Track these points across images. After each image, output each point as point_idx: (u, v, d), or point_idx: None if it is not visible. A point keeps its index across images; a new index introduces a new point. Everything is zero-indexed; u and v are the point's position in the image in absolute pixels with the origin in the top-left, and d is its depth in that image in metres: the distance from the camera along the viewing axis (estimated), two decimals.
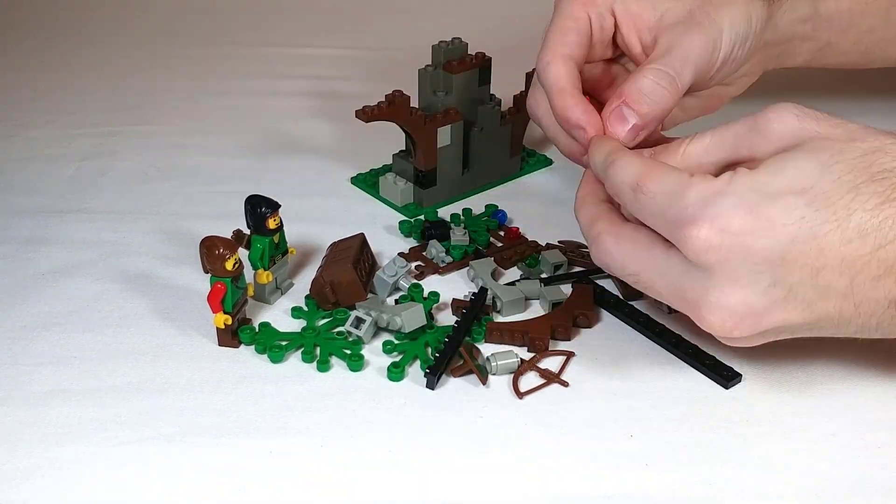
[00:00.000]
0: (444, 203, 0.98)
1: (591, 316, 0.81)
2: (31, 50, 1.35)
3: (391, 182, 0.98)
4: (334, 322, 0.80)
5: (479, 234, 0.92)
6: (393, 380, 0.76)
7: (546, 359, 0.78)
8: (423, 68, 0.96)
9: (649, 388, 0.75)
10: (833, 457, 0.69)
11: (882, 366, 0.78)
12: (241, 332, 0.78)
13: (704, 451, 0.70)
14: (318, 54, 1.34)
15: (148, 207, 0.98)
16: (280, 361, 0.76)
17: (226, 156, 1.08)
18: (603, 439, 0.71)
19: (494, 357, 0.76)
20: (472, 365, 0.75)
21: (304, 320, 0.81)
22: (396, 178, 0.98)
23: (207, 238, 0.76)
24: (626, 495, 0.66)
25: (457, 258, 0.89)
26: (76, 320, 0.82)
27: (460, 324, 0.78)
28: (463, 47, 0.97)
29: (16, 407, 0.73)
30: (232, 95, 1.23)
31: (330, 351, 0.77)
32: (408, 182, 0.97)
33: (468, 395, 0.74)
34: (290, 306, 0.83)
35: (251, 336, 0.78)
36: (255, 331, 0.78)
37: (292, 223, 0.87)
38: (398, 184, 0.97)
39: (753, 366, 0.78)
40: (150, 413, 0.72)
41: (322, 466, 0.68)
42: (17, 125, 1.14)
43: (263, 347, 0.77)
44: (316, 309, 0.82)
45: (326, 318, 0.81)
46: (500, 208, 0.96)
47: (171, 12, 1.47)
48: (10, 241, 0.92)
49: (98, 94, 1.22)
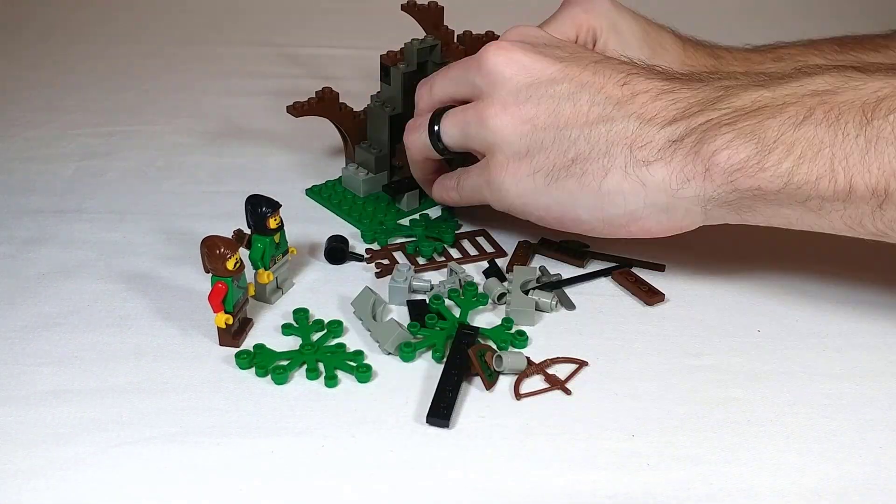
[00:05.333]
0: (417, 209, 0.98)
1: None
2: (31, 50, 1.35)
3: (352, 173, 0.98)
4: (329, 335, 0.80)
5: (444, 234, 0.92)
6: (405, 360, 0.76)
7: (557, 364, 0.78)
8: (394, 66, 0.97)
9: (650, 387, 0.75)
10: (833, 457, 0.70)
11: (882, 365, 0.78)
12: (237, 358, 0.76)
13: (705, 451, 0.70)
14: (321, 54, 1.34)
15: (148, 207, 0.98)
16: (284, 383, 0.75)
17: (226, 156, 1.08)
18: (604, 439, 0.71)
19: (504, 356, 0.75)
20: (479, 369, 0.75)
21: (296, 336, 0.80)
22: (358, 168, 0.98)
23: (208, 238, 0.76)
24: (627, 495, 0.66)
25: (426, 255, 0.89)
26: (76, 320, 0.82)
27: (448, 364, 0.76)
28: (435, 44, 0.97)
29: (16, 407, 0.72)
30: (232, 95, 1.23)
31: (335, 365, 0.76)
32: (369, 173, 0.97)
33: (470, 395, 0.74)
34: (280, 323, 0.81)
35: (248, 360, 0.76)
36: (252, 354, 0.77)
37: (293, 223, 0.87)
38: (359, 174, 0.97)
39: (753, 365, 0.78)
40: (150, 413, 0.72)
41: (322, 466, 0.68)
42: (17, 125, 1.14)
43: (264, 371, 0.76)
44: (307, 324, 0.81)
45: (320, 332, 0.81)
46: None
47: (172, 12, 1.47)
48: (10, 241, 0.92)
49: (98, 94, 1.22)
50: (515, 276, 0.84)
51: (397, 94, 0.97)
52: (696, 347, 0.80)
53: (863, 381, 0.77)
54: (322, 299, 0.85)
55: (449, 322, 0.80)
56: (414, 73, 0.96)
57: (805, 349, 0.80)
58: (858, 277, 0.89)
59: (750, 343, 0.81)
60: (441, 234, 0.92)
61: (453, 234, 0.92)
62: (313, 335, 0.80)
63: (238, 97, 1.22)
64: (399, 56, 0.98)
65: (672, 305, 0.85)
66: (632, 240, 0.92)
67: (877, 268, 0.90)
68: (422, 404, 0.73)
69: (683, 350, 0.80)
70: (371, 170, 0.98)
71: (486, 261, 0.90)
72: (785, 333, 0.82)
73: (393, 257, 0.90)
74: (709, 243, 0.93)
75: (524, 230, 0.94)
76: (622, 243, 0.92)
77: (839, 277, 0.89)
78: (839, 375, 0.77)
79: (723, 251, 0.92)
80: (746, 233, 0.95)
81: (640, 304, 0.85)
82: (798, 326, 0.83)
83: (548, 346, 0.79)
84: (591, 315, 0.83)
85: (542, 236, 0.92)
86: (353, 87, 1.12)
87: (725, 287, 0.87)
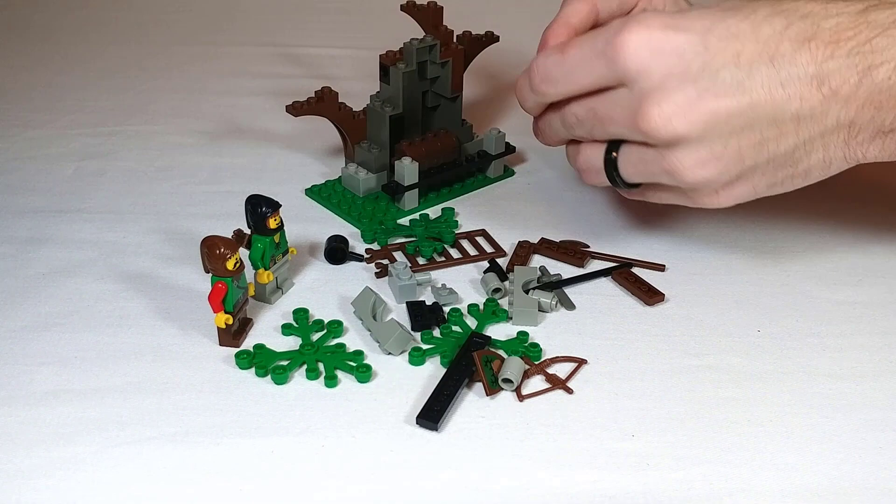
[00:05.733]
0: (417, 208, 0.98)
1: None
2: (31, 50, 1.34)
3: (352, 173, 0.98)
4: (329, 335, 0.80)
5: (444, 234, 0.92)
6: (413, 364, 0.77)
7: (556, 363, 0.78)
8: (394, 66, 0.97)
9: (650, 387, 0.75)
10: (833, 457, 0.70)
11: (882, 365, 0.78)
12: (237, 359, 0.76)
13: (705, 451, 0.70)
14: (321, 54, 1.34)
15: (148, 207, 0.98)
16: (284, 383, 0.75)
17: (225, 156, 1.08)
18: (604, 439, 0.71)
19: (510, 370, 0.75)
20: (482, 374, 0.75)
21: (296, 336, 0.80)
22: (358, 168, 0.98)
23: (208, 238, 0.76)
24: (627, 495, 0.66)
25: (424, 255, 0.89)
26: (76, 320, 0.82)
27: (451, 368, 0.76)
28: (434, 44, 0.97)
29: (16, 407, 0.72)
30: (232, 95, 1.22)
31: (335, 365, 0.76)
32: (369, 172, 0.97)
33: (471, 395, 0.74)
34: (280, 323, 0.81)
35: (248, 360, 0.76)
36: (252, 354, 0.77)
37: (293, 223, 0.87)
38: (359, 174, 0.97)
39: (753, 365, 0.78)
40: (150, 413, 0.72)
41: (322, 466, 0.68)
42: (17, 125, 1.14)
43: (265, 371, 0.76)
44: (306, 324, 0.81)
45: (320, 332, 0.81)
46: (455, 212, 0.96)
47: (173, 12, 1.47)
48: (10, 241, 0.92)
49: (97, 94, 1.22)
50: (516, 276, 0.84)
51: (397, 93, 0.97)
52: (696, 347, 0.80)
53: (863, 381, 0.77)
54: (322, 299, 0.85)
55: (464, 331, 0.80)
56: (413, 73, 0.96)
57: (805, 349, 0.80)
58: (858, 277, 0.89)
59: (750, 343, 0.81)
60: (441, 234, 0.92)
61: (453, 234, 0.92)
62: (313, 335, 0.80)
63: (238, 97, 1.22)
64: (398, 56, 0.98)
65: (672, 305, 0.85)
66: (632, 240, 0.93)
67: (877, 268, 0.90)
68: (422, 405, 0.73)
69: (683, 350, 0.80)
70: (371, 169, 0.98)
71: (485, 261, 0.90)
72: (785, 333, 0.82)
73: (393, 257, 0.90)
74: (709, 243, 0.93)
75: (524, 230, 0.94)
76: (622, 243, 0.92)
77: (839, 277, 0.89)
78: (839, 375, 0.77)
79: (723, 251, 0.92)
80: (746, 232, 0.95)
81: (641, 304, 0.85)
82: (798, 326, 0.83)
83: (548, 346, 0.79)
84: (591, 315, 0.83)
85: (541, 236, 0.92)
86: (352, 87, 1.12)
87: (725, 287, 0.87)
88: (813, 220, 0.97)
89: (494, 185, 1.03)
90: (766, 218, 0.97)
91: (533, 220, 0.96)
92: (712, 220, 0.96)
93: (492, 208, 0.98)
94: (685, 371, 0.77)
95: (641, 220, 0.96)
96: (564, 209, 0.98)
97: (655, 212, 0.97)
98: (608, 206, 0.99)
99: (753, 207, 1.00)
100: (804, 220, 0.97)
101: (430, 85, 0.99)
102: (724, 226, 0.96)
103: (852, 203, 1.00)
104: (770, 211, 0.98)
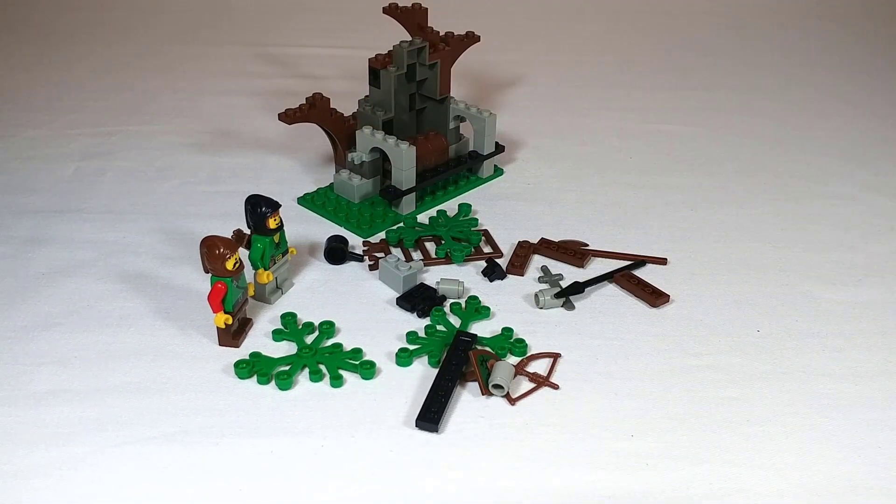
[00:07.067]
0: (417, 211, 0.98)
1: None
2: (31, 50, 1.35)
3: (345, 179, 0.98)
4: (322, 336, 0.80)
5: (465, 233, 0.92)
6: (400, 365, 0.76)
7: (535, 361, 0.78)
8: (384, 69, 0.96)
9: (650, 387, 0.75)
10: (833, 457, 0.70)
11: (882, 365, 0.78)
12: (236, 368, 0.76)
13: (704, 451, 0.70)
14: (320, 54, 1.34)
15: (148, 207, 0.98)
16: (289, 388, 0.75)
17: (225, 156, 1.08)
18: (604, 439, 0.71)
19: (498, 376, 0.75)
20: (479, 374, 0.75)
21: (289, 341, 0.80)
22: (351, 174, 0.98)
23: (208, 238, 0.76)
24: (627, 495, 0.66)
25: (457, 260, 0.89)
26: (76, 320, 0.82)
27: (442, 368, 0.76)
28: (423, 46, 0.96)
29: (16, 407, 0.72)
30: (232, 95, 1.23)
31: (338, 365, 0.76)
32: (363, 178, 0.97)
33: (469, 396, 0.74)
34: (270, 329, 0.81)
35: (248, 370, 0.76)
36: (250, 363, 0.76)
37: (292, 223, 0.87)
38: (353, 180, 0.97)
39: (753, 365, 0.78)
40: (150, 413, 0.72)
41: (321, 466, 0.68)
42: (17, 125, 1.14)
43: (267, 378, 0.75)
44: (296, 328, 0.81)
45: (313, 334, 0.80)
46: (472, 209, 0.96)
47: (172, 13, 1.47)
48: (10, 241, 0.92)
49: (97, 94, 1.22)
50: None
51: (388, 97, 0.96)
52: (696, 347, 0.80)
53: (863, 381, 0.77)
54: (321, 299, 0.85)
55: (448, 330, 0.80)
56: (403, 76, 0.96)
57: (805, 349, 0.80)
58: (858, 277, 0.89)
59: (750, 343, 0.81)
60: (467, 235, 0.92)
61: (480, 236, 0.92)
62: (306, 338, 0.80)
63: (238, 97, 1.22)
64: (387, 59, 0.97)
65: (673, 305, 0.85)
66: (631, 240, 0.93)
67: (877, 268, 0.90)
68: (419, 406, 0.73)
69: (683, 350, 0.80)
70: (364, 175, 0.97)
71: (485, 260, 0.90)
72: (785, 333, 0.82)
73: (389, 251, 0.90)
74: (709, 243, 0.93)
75: (524, 230, 0.94)
76: (622, 244, 0.92)
77: (839, 278, 0.89)
78: (839, 375, 0.77)
79: (723, 251, 0.92)
80: (746, 232, 0.95)
81: (641, 304, 0.85)
82: (798, 326, 0.83)
83: (548, 346, 0.79)
84: (591, 315, 0.83)
85: (541, 236, 0.92)
86: (353, 87, 1.12)
87: (725, 287, 0.87)
88: (813, 219, 0.97)
89: (493, 185, 1.03)
90: (766, 218, 0.97)
91: (532, 220, 0.96)
92: (712, 220, 0.96)
93: (491, 208, 0.98)
94: (685, 371, 0.77)
95: (641, 220, 0.96)
96: (564, 209, 0.98)
97: (655, 212, 0.97)
98: (608, 206, 0.99)
99: (753, 207, 1.00)
100: (804, 219, 0.97)
101: (417, 87, 0.99)
102: (724, 225, 0.96)
103: (852, 202, 1.00)
104: (770, 211, 0.98)
